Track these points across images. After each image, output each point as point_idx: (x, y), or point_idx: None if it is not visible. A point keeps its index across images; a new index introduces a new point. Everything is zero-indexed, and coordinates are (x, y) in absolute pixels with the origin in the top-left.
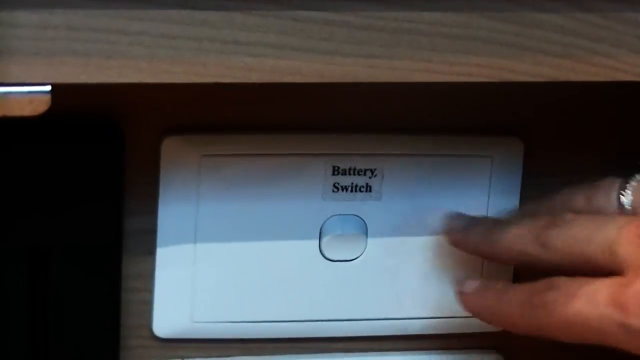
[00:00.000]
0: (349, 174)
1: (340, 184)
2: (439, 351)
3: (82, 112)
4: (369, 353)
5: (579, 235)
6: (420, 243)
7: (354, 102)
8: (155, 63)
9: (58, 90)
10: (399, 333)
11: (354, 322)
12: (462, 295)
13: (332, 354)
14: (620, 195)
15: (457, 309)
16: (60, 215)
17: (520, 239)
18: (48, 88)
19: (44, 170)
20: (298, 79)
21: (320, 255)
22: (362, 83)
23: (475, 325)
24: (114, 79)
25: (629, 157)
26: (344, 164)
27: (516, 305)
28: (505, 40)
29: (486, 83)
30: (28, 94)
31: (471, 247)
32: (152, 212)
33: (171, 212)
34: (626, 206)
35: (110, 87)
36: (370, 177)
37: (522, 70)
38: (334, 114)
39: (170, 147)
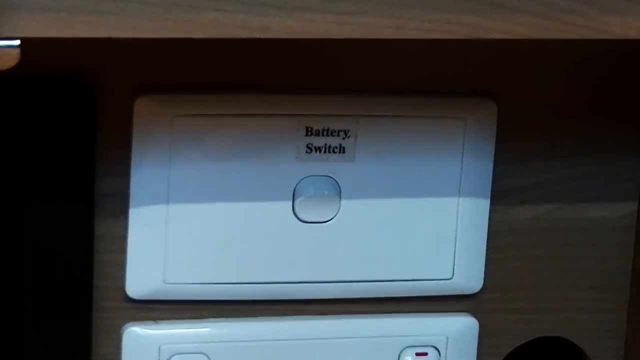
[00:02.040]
0: (323, 135)
1: (314, 145)
2: (413, 314)
3: (53, 73)
4: (342, 315)
5: None
6: (394, 204)
7: (328, 62)
8: (124, 18)
9: (29, 49)
10: (372, 295)
11: (327, 284)
12: None
13: (306, 316)
14: None
15: (431, 272)
16: (32, 177)
17: None
18: (17, 42)
19: (14, 131)
20: (268, 35)
21: (294, 217)
22: (332, 39)
23: (449, 288)
24: (83, 33)
25: (603, 120)
26: (317, 125)
27: None
28: None
29: (460, 43)
30: None
31: None
32: (125, 174)
33: (144, 174)
34: None
35: (81, 47)
36: (343, 139)
37: (493, 27)
38: (308, 74)
39: (142, 107)
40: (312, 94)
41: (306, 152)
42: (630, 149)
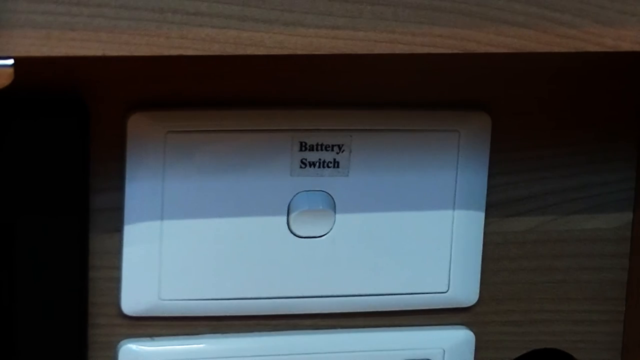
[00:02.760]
0: (317, 150)
1: (308, 160)
2: (409, 327)
3: (48, 89)
4: (338, 330)
5: None
6: (388, 218)
7: (321, 77)
8: (116, 35)
9: (22, 65)
10: (367, 310)
11: (323, 298)
12: None
13: (301, 330)
14: None
15: (426, 285)
16: (26, 193)
17: None
18: (10, 61)
19: (9, 146)
20: (261, 51)
21: (289, 232)
22: (325, 55)
23: (444, 301)
24: (75, 51)
25: (597, 131)
26: (311, 140)
27: None
28: (468, 10)
29: (453, 56)
30: None
31: None
32: (119, 189)
33: (138, 189)
34: None
35: (75, 62)
36: (337, 153)
37: (485, 40)
38: (301, 89)
39: (136, 123)
40: (306, 108)
41: (300, 167)
42: (624, 160)
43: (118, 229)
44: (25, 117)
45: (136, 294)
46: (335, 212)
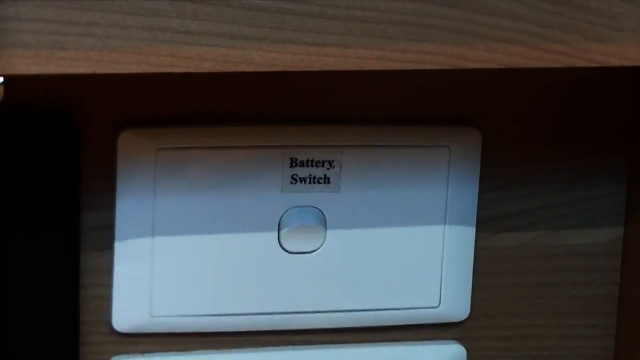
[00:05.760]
0: (307, 166)
1: (299, 176)
2: (401, 342)
3: (38, 107)
4: (329, 345)
5: None
6: (379, 234)
7: (312, 93)
8: (106, 53)
9: (12, 84)
10: (358, 325)
11: (314, 314)
12: None
13: (292, 346)
14: None
15: (418, 300)
16: (17, 212)
17: None
18: (0, 80)
19: None
20: (251, 68)
21: (279, 248)
22: (315, 72)
23: (436, 316)
24: (65, 69)
25: (588, 146)
26: (301, 156)
27: None
28: (457, 27)
29: (443, 72)
30: None
31: None
32: (110, 207)
33: (128, 207)
34: None
35: (64, 81)
36: (328, 169)
37: (475, 57)
38: (291, 105)
39: (126, 140)
40: (296, 125)
41: (291, 182)
42: (615, 174)
43: (109, 247)
44: (15, 136)
45: (127, 310)
46: (326, 227)
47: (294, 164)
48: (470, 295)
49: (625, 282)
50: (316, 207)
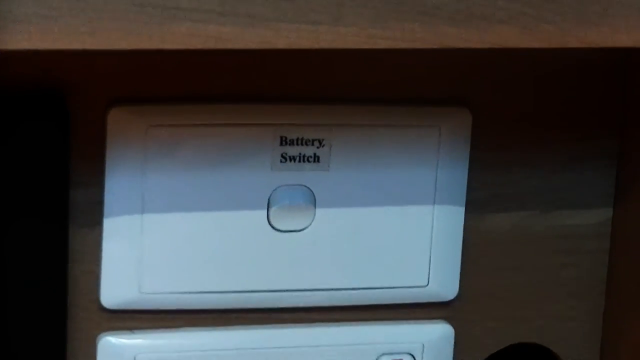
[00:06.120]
0: (297, 144)
1: (288, 155)
2: (389, 321)
3: (27, 85)
4: (318, 323)
5: None
6: (369, 213)
7: (302, 72)
8: (97, 29)
9: (1, 61)
10: (347, 303)
11: (302, 292)
12: None
13: (282, 324)
14: None
15: (406, 279)
16: (5, 189)
17: None
18: None
19: None
20: (241, 46)
21: (269, 226)
22: (306, 50)
23: (424, 295)
24: (55, 45)
25: (578, 128)
26: (291, 134)
27: None
28: (450, 6)
29: (434, 51)
30: None
31: None
32: (99, 184)
33: (118, 183)
34: None
35: (54, 58)
36: (318, 148)
37: (467, 37)
38: (282, 84)
39: (116, 118)
40: (287, 103)
41: (281, 161)
42: (605, 156)
43: (98, 224)
44: (4, 113)
45: (116, 287)
46: (315, 206)
47: (283, 143)
48: (459, 275)
49: (614, 264)
50: (306, 186)
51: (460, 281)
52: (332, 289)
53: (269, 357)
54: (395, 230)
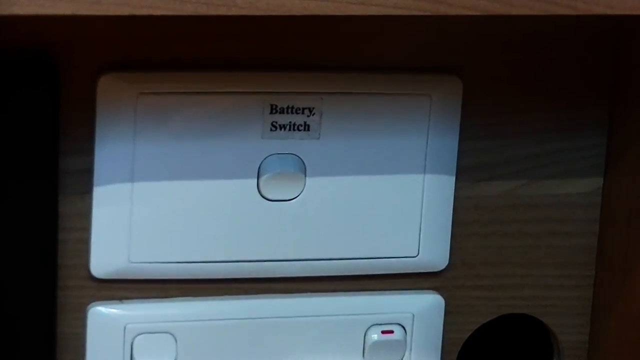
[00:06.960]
0: (287, 113)
1: (279, 123)
2: (379, 292)
3: (17, 51)
4: (308, 293)
5: None
6: (359, 182)
7: (292, 40)
8: None
9: None
10: (337, 274)
11: (293, 262)
12: None
13: (272, 294)
14: None
15: (396, 249)
16: None
17: None
18: None
19: None
20: (232, 12)
21: (259, 195)
22: (296, 17)
23: (414, 265)
24: (45, 10)
25: (570, 97)
26: (282, 103)
27: None
28: None
29: (425, 19)
30: None
31: None
32: (89, 151)
33: (108, 151)
34: None
35: (45, 23)
36: (308, 116)
37: (458, 3)
38: (272, 52)
39: (106, 84)
40: (277, 71)
41: (271, 129)
42: (596, 125)
43: (88, 191)
44: None
45: (106, 256)
46: (305, 175)
47: (274, 111)
48: (449, 245)
49: (604, 233)
50: (296, 155)
51: (451, 250)
52: (321, 259)
53: (258, 327)
54: (385, 199)
